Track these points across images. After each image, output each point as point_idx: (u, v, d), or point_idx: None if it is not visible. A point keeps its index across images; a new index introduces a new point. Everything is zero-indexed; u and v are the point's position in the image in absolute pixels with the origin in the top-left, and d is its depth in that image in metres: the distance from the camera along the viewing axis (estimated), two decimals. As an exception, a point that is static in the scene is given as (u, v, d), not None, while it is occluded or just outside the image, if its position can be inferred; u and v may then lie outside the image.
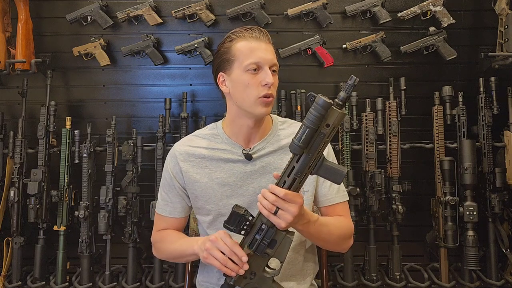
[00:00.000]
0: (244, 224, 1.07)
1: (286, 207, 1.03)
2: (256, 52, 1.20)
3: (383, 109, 2.15)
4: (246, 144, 1.29)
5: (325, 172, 1.04)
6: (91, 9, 2.24)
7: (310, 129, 0.97)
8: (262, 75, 1.20)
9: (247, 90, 1.21)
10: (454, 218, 2.03)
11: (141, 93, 2.34)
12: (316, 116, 0.96)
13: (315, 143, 0.99)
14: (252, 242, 1.08)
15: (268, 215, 1.04)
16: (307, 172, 1.03)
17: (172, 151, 1.34)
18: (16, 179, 2.09)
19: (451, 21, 2.19)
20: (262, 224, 1.08)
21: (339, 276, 2.11)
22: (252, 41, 1.22)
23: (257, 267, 1.10)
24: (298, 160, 1.02)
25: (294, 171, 1.03)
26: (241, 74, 1.21)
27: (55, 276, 2.10)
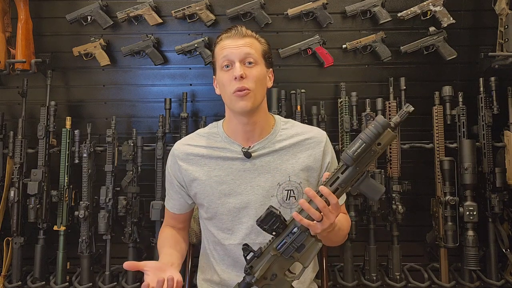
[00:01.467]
0: (277, 225, 1.08)
1: (330, 215, 1.05)
2: (226, 49, 1.24)
3: (383, 109, 2.15)
4: (245, 143, 1.30)
5: (366, 188, 1.08)
6: (91, 9, 2.24)
7: (366, 144, 1.03)
8: (233, 71, 1.22)
9: (225, 87, 1.25)
10: (454, 218, 2.03)
11: (141, 93, 2.34)
12: (374, 133, 1.03)
13: (364, 158, 1.04)
14: (281, 244, 1.10)
15: (308, 224, 1.06)
16: (349, 184, 1.06)
17: (172, 150, 1.36)
18: (16, 179, 2.09)
19: (451, 21, 2.19)
20: (294, 227, 1.09)
21: (339, 276, 2.10)
22: (225, 40, 1.26)
23: (279, 269, 1.11)
24: (343, 171, 1.05)
25: (338, 182, 1.06)
26: (219, 73, 1.27)
27: (55, 276, 2.10)
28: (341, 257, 2.12)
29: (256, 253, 1.11)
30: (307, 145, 1.32)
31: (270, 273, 1.11)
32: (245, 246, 1.12)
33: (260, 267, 1.10)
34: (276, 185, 1.28)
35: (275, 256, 1.10)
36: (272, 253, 1.10)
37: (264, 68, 1.28)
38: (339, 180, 1.06)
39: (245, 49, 1.24)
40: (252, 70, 1.24)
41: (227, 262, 1.32)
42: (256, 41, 1.28)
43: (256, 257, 1.11)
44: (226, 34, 1.28)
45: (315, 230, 1.06)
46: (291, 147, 1.31)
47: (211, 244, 1.36)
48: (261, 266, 1.10)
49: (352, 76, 2.28)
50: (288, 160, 1.29)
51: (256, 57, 1.25)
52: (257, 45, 1.28)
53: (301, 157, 1.30)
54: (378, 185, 1.09)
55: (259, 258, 1.11)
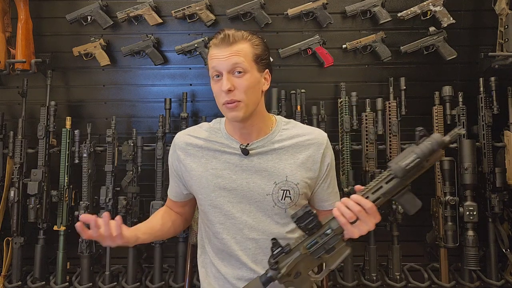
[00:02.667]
0: (313, 224, 1.08)
1: (367, 220, 1.06)
2: (214, 59, 1.24)
3: (383, 109, 2.15)
4: (243, 141, 1.31)
5: (405, 201, 1.10)
6: (91, 9, 2.24)
7: (420, 159, 1.04)
8: (221, 82, 1.22)
9: (215, 97, 1.27)
10: (454, 218, 2.03)
11: (141, 93, 2.34)
12: (430, 150, 1.05)
13: (412, 172, 1.05)
14: (312, 244, 1.09)
15: (345, 223, 1.06)
16: (391, 195, 1.07)
17: (174, 139, 1.39)
18: (16, 179, 2.09)
19: (451, 21, 2.19)
20: (329, 229, 1.09)
21: (339, 276, 2.10)
22: (213, 49, 1.25)
23: (304, 268, 1.11)
24: (389, 181, 1.06)
25: (381, 191, 1.07)
26: (211, 82, 1.28)
27: (55, 276, 2.10)
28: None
29: (285, 249, 1.10)
30: (308, 146, 1.31)
31: (295, 271, 1.10)
32: (274, 240, 1.12)
33: (287, 264, 1.09)
34: (272, 184, 1.28)
35: (304, 255, 1.09)
36: (301, 252, 1.09)
37: (256, 74, 1.25)
38: (382, 189, 1.07)
39: (233, 59, 1.20)
40: (241, 80, 1.21)
41: (222, 256, 1.32)
42: (248, 44, 1.24)
43: (284, 253, 1.10)
44: (215, 40, 1.24)
45: (352, 233, 1.07)
46: (290, 147, 1.31)
47: (207, 238, 1.37)
48: (288, 263, 1.09)
49: (352, 76, 2.28)
50: (287, 160, 1.29)
51: (245, 65, 1.21)
52: (248, 50, 1.23)
53: (299, 157, 1.30)
54: (416, 200, 1.11)
55: (286, 255, 1.10)
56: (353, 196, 1.07)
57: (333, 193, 1.38)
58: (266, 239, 1.23)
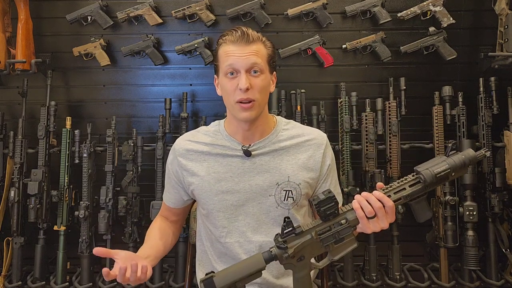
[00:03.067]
0: (331, 211, 1.07)
1: (384, 219, 1.07)
2: (231, 56, 1.21)
3: (383, 109, 2.15)
4: (245, 143, 1.30)
5: (419, 207, 1.10)
6: (91, 9, 2.24)
7: (451, 170, 1.05)
8: (238, 80, 1.20)
9: (227, 94, 1.23)
10: (454, 218, 2.03)
11: (141, 93, 2.34)
12: (462, 164, 1.06)
13: (439, 181, 1.06)
14: (324, 230, 1.08)
15: (363, 217, 1.07)
16: (410, 199, 1.08)
17: (173, 146, 1.37)
18: (16, 179, 2.09)
19: (451, 21, 2.19)
20: (344, 219, 1.08)
21: (339, 276, 2.11)
22: (230, 45, 1.22)
23: (309, 253, 1.09)
24: (412, 185, 1.07)
25: (403, 193, 1.07)
26: (223, 78, 1.24)
27: (55, 276, 2.10)
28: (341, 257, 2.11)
29: (296, 231, 1.07)
30: (308, 147, 1.32)
31: (299, 254, 1.09)
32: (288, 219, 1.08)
33: (296, 245, 1.07)
34: (274, 185, 1.28)
35: (313, 240, 1.08)
36: (313, 236, 1.07)
37: (268, 75, 1.26)
38: (405, 191, 1.07)
39: (252, 58, 1.20)
40: (257, 80, 1.21)
41: (225, 260, 1.32)
42: (262, 45, 1.24)
43: (294, 234, 1.07)
44: (231, 37, 1.22)
45: (367, 228, 1.08)
46: (291, 148, 1.31)
47: (209, 241, 1.36)
48: (297, 244, 1.07)
49: (352, 76, 2.28)
50: (288, 161, 1.29)
51: (262, 65, 1.22)
52: (263, 51, 1.24)
53: (301, 158, 1.30)
54: (429, 210, 1.11)
55: (296, 236, 1.08)
56: (375, 192, 1.06)
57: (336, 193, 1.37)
58: (269, 241, 1.22)
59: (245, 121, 1.24)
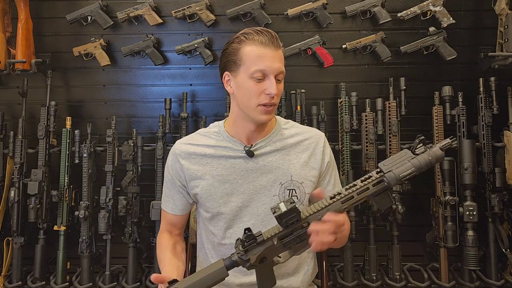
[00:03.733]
0: (294, 221, 1.04)
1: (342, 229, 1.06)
2: (263, 60, 1.18)
3: (383, 109, 2.15)
4: (247, 143, 1.30)
5: (380, 199, 1.06)
6: (91, 9, 2.24)
7: (416, 172, 1.02)
8: (266, 84, 1.19)
9: (250, 96, 1.21)
10: (454, 218, 2.03)
11: (141, 93, 2.34)
12: (427, 164, 1.02)
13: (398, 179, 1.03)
14: (285, 236, 1.06)
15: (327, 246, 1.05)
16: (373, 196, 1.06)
17: (173, 149, 1.35)
18: (16, 179, 2.09)
19: (451, 21, 2.19)
20: (306, 223, 1.06)
21: (339, 276, 2.11)
22: (261, 47, 1.18)
23: (270, 255, 1.08)
24: (375, 185, 1.05)
25: (367, 193, 1.05)
26: (246, 79, 1.20)
27: (55, 276, 2.10)
28: (341, 257, 2.12)
29: (258, 239, 1.06)
30: (307, 145, 1.32)
31: (261, 258, 1.07)
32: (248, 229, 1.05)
33: (258, 253, 1.06)
34: (278, 184, 1.28)
35: (274, 245, 1.06)
36: (275, 243, 1.06)
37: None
38: (368, 191, 1.04)
39: (281, 66, 1.21)
40: (280, 86, 1.24)
41: None
42: (282, 52, 1.24)
43: (255, 243, 1.07)
44: (261, 38, 1.19)
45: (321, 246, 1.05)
46: (292, 147, 1.31)
47: (210, 244, 1.35)
48: (258, 252, 1.06)
49: (352, 76, 2.28)
50: (290, 160, 1.30)
51: (284, 73, 1.24)
52: (283, 57, 1.24)
53: (302, 157, 1.31)
54: (390, 198, 1.08)
55: (257, 244, 1.07)
56: (325, 218, 1.02)
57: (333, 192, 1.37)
58: None
59: (263, 122, 1.25)
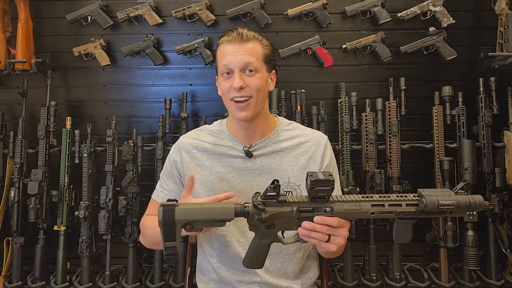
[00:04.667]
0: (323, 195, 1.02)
1: (339, 233, 1.03)
2: (226, 56, 1.23)
3: (383, 109, 2.15)
4: (247, 142, 1.31)
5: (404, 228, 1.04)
6: (91, 9, 2.24)
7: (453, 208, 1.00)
8: (233, 79, 1.22)
9: (223, 93, 1.26)
10: (454, 218, 2.03)
11: (141, 93, 2.34)
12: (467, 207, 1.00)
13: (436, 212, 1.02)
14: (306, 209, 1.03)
15: (319, 243, 1.03)
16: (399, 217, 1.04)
17: (178, 142, 1.38)
18: (16, 179, 2.09)
19: (451, 21, 2.19)
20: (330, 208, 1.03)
21: (339, 276, 2.11)
22: (226, 45, 1.24)
23: (280, 225, 1.04)
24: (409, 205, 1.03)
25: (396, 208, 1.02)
26: (220, 79, 1.27)
27: (55, 276, 2.10)
28: (341, 257, 2.12)
29: (280, 198, 1.02)
30: (308, 148, 1.32)
31: (271, 221, 1.03)
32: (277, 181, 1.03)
33: (273, 212, 1.02)
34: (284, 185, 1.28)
35: (291, 214, 1.02)
36: (294, 210, 1.01)
37: (265, 74, 1.27)
38: (399, 208, 1.02)
39: (246, 57, 1.21)
40: (252, 79, 1.22)
41: (225, 259, 1.32)
42: (259, 44, 1.25)
43: (276, 201, 1.02)
44: (227, 37, 1.25)
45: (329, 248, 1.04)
46: (291, 149, 1.31)
47: (207, 243, 1.36)
48: (274, 211, 1.02)
49: (352, 76, 2.28)
50: (289, 162, 1.30)
51: (256, 64, 1.23)
52: (259, 50, 1.25)
53: (301, 159, 1.31)
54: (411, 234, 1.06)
55: (277, 203, 1.02)
56: (316, 218, 1.01)
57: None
58: None
59: (242, 120, 1.25)
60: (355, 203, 1.02)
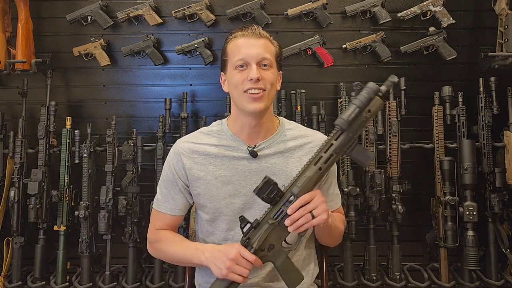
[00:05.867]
0: (275, 193, 1.10)
1: (314, 205, 1.10)
2: (241, 49, 1.23)
3: (383, 109, 2.15)
4: (250, 142, 1.29)
5: (358, 154, 1.12)
6: (91, 9, 2.24)
7: (360, 109, 1.07)
8: (248, 72, 1.21)
9: (236, 86, 1.24)
10: (454, 218, 2.03)
11: (141, 93, 2.34)
12: (367, 98, 1.07)
13: (356, 124, 1.08)
14: (278, 213, 1.12)
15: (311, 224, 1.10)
16: (343, 151, 1.10)
17: (175, 147, 1.33)
18: (16, 179, 2.09)
19: (451, 21, 2.19)
20: (291, 195, 1.11)
21: (339, 276, 2.11)
22: (241, 39, 1.25)
23: (276, 240, 1.12)
24: (337, 138, 1.09)
25: (332, 148, 1.10)
26: (232, 72, 1.25)
27: (55, 276, 2.10)
28: (341, 257, 2.12)
29: (254, 224, 1.12)
30: (311, 149, 1.30)
31: (267, 244, 1.12)
32: (242, 217, 1.13)
33: (258, 238, 1.11)
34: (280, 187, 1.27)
35: (272, 226, 1.11)
36: (269, 222, 1.11)
37: (276, 71, 1.27)
38: (333, 146, 1.09)
39: (262, 51, 1.22)
40: (267, 72, 1.23)
41: None
42: (270, 43, 1.27)
43: (253, 228, 1.12)
44: (242, 32, 1.25)
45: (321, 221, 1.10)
46: (296, 150, 1.30)
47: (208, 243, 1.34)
48: (258, 236, 1.11)
49: (352, 76, 2.28)
50: (294, 163, 1.29)
51: (271, 60, 1.24)
52: (271, 47, 1.26)
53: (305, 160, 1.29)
54: (367, 151, 1.14)
55: (256, 229, 1.12)
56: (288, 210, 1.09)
57: (334, 195, 1.37)
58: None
59: (254, 112, 1.22)
60: (302, 176, 1.11)
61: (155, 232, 1.36)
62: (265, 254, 1.11)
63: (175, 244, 1.30)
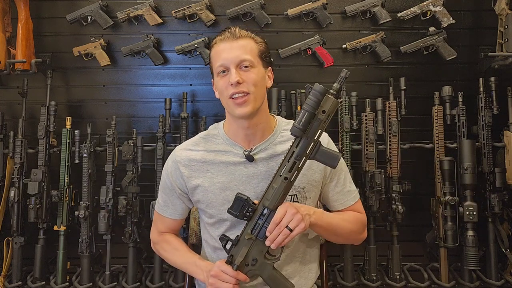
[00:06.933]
0: (247, 209, 1.12)
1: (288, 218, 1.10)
2: (221, 54, 1.22)
3: (383, 109, 2.15)
4: (246, 145, 1.27)
5: (322, 156, 1.12)
6: (91, 9, 2.24)
7: (309, 113, 1.08)
8: (229, 76, 1.21)
9: (222, 93, 1.24)
10: (454, 218, 2.03)
11: (141, 93, 2.34)
12: (314, 101, 1.09)
13: (312, 128, 1.09)
14: (255, 227, 1.13)
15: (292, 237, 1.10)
16: (305, 156, 1.11)
17: (173, 155, 1.33)
18: (16, 179, 2.09)
19: (451, 21, 2.19)
20: (264, 208, 1.12)
21: (339, 276, 2.11)
22: (220, 44, 1.24)
23: (258, 253, 1.14)
24: (297, 145, 1.10)
25: (294, 155, 1.10)
26: (216, 78, 1.25)
27: (55, 276, 2.10)
28: (341, 257, 2.12)
29: (234, 241, 1.15)
30: None
31: (250, 259, 1.14)
32: (223, 236, 1.17)
33: (239, 254, 1.14)
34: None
35: (251, 240, 1.13)
36: (247, 238, 1.13)
37: (262, 69, 1.25)
38: (294, 153, 1.10)
39: (240, 53, 1.20)
40: (249, 73, 1.21)
41: None
42: (252, 41, 1.24)
43: (234, 245, 1.15)
44: (220, 37, 1.24)
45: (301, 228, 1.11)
46: None
47: (211, 248, 1.34)
48: (239, 252, 1.14)
49: (352, 76, 2.26)
50: None
51: (251, 60, 1.22)
52: (253, 46, 1.24)
53: None
54: (333, 152, 1.13)
55: (237, 246, 1.15)
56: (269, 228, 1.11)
57: (342, 193, 1.34)
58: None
59: (242, 117, 1.21)
60: (270, 188, 1.12)
61: (158, 236, 1.41)
62: (250, 268, 1.14)
63: (177, 257, 1.36)
